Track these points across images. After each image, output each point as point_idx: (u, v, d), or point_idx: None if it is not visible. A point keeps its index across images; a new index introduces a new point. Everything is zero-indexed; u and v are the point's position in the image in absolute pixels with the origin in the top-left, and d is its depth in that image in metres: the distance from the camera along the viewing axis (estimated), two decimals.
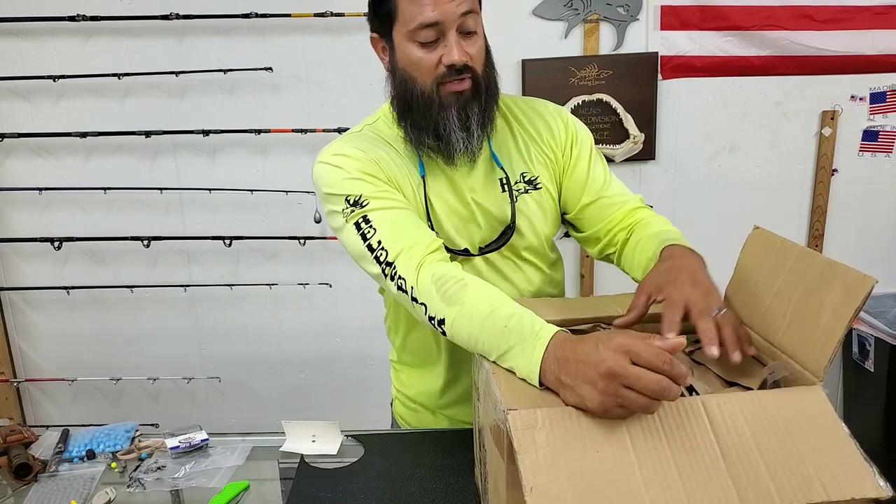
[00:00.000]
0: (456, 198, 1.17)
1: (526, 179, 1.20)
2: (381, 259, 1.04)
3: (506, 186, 1.18)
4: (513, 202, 1.18)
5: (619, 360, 0.74)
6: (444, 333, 0.97)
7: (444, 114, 1.09)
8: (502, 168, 1.18)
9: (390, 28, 1.09)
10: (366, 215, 1.06)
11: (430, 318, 0.98)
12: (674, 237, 1.12)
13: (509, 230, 1.18)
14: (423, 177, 1.14)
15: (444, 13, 1.03)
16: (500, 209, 1.18)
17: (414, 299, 1.00)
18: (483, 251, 1.18)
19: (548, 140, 1.23)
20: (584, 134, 1.26)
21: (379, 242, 1.04)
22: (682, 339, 0.76)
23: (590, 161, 1.25)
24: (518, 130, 1.23)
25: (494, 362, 0.88)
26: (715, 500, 0.63)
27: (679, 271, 0.97)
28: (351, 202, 1.07)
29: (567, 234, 1.36)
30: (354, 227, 1.06)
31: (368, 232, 1.05)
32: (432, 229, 1.12)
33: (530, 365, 0.83)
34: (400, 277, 1.01)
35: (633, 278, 1.19)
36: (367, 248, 1.05)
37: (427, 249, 1.02)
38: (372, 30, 1.16)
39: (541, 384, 0.82)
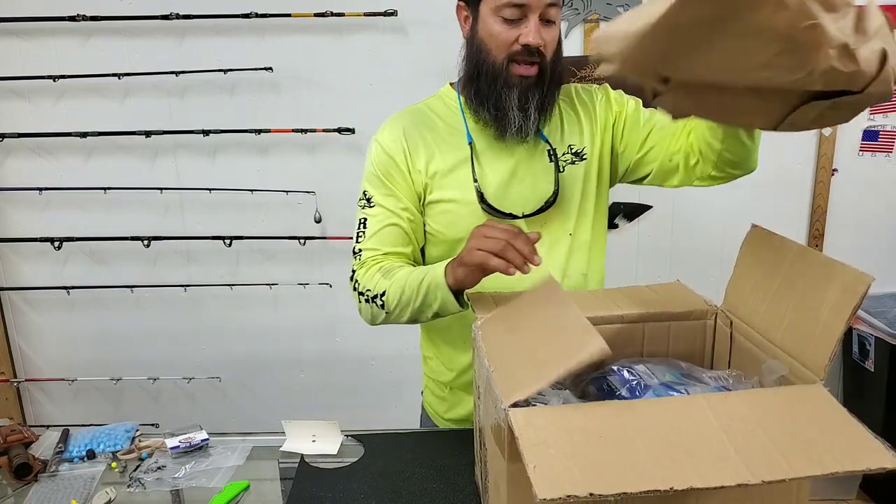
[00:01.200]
0: (503, 165, 1.24)
1: (573, 151, 1.28)
2: (354, 263, 1.28)
3: (552, 157, 1.26)
4: (557, 172, 1.25)
5: (486, 221, 1.08)
6: (382, 306, 1.19)
7: (506, 91, 1.18)
8: (548, 142, 1.26)
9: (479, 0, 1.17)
10: (366, 218, 1.26)
11: (373, 298, 1.20)
12: None
13: (553, 196, 1.24)
14: (470, 143, 1.23)
15: None
16: (545, 178, 1.25)
17: (361, 293, 1.23)
18: (527, 216, 1.24)
19: (594, 108, 1.32)
20: (621, 93, 1.36)
21: (360, 250, 1.26)
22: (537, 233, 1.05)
23: (636, 103, 1.34)
24: (566, 106, 1.31)
25: (417, 302, 1.14)
26: (725, 474, 0.62)
27: None
28: (366, 197, 1.28)
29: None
30: (359, 221, 1.27)
31: (360, 235, 1.27)
32: (479, 192, 1.21)
33: (437, 272, 1.11)
34: (356, 281, 1.25)
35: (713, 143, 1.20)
36: (353, 248, 1.28)
37: (381, 258, 1.24)
38: None
39: (449, 287, 1.10)
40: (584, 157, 1.28)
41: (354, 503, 1.09)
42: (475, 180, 1.22)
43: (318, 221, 2.39)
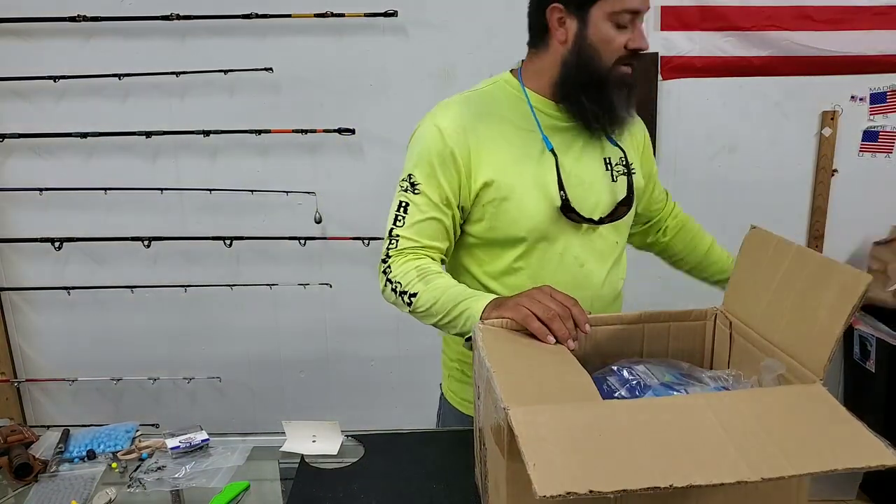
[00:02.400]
0: (577, 169, 1.25)
1: (624, 163, 1.31)
2: (387, 246, 1.23)
3: (609, 166, 1.28)
4: (625, 178, 1.29)
5: (544, 287, 1.04)
6: (409, 304, 1.17)
7: (617, 92, 1.22)
8: (617, 145, 1.30)
9: (590, 4, 1.16)
10: (408, 204, 1.21)
11: (403, 293, 1.18)
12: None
13: (627, 202, 1.28)
14: (551, 150, 1.23)
15: (645, 3, 1.17)
16: (606, 185, 1.28)
17: (390, 281, 1.20)
18: (602, 221, 1.27)
19: (638, 134, 1.39)
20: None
21: (398, 236, 1.22)
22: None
23: (651, 156, 1.46)
24: None
25: (445, 318, 1.12)
26: (725, 471, 0.62)
27: None
28: (410, 181, 1.22)
29: None
30: (400, 203, 1.22)
31: (399, 219, 1.22)
32: (563, 196, 1.21)
33: (476, 307, 1.07)
34: (388, 267, 1.21)
35: (692, 271, 1.50)
36: (389, 230, 1.23)
37: (419, 251, 1.22)
38: (562, 2, 1.20)
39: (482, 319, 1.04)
40: (634, 171, 1.32)
41: (355, 503, 1.09)
42: (562, 187, 1.21)
43: (319, 222, 2.40)
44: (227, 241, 2.38)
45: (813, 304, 0.80)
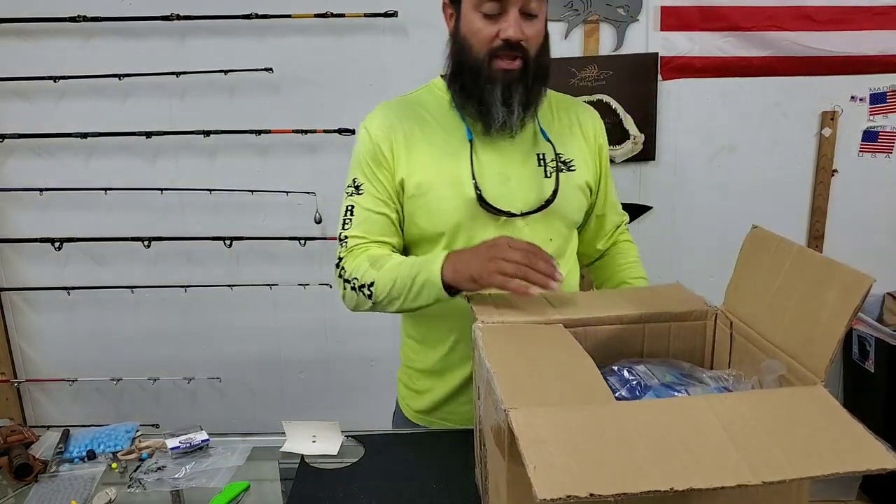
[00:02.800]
0: (500, 163, 1.24)
1: (561, 160, 1.28)
2: (340, 250, 1.27)
3: (542, 162, 1.26)
4: (555, 175, 1.26)
5: (499, 239, 1.07)
6: (370, 296, 1.19)
7: (489, 86, 1.17)
8: (549, 141, 1.28)
9: None
10: (353, 206, 1.26)
11: (360, 287, 1.20)
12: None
13: (552, 196, 1.25)
14: (470, 140, 1.23)
15: None
16: (533, 181, 1.26)
17: (347, 281, 1.23)
18: (525, 214, 1.25)
19: (591, 135, 1.35)
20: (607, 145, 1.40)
21: (346, 237, 1.26)
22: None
23: (608, 174, 1.40)
24: (562, 117, 1.33)
25: (409, 296, 1.14)
26: (726, 475, 0.62)
27: None
28: (354, 185, 1.27)
29: None
30: (346, 208, 1.27)
31: (347, 222, 1.27)
32: (477, 188, 1.21)
33: (433, 272, 1.10)
34: (342, 269, 1.25)
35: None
36: (339, 234, 1.28)
37: (370, 245, 1.25)
38: None
39: (444, 285, 1.09)
40: (573, 168, 1.29)
41: (354, 503, 1.09)
42: (474, 178, 1.21)
43: (319, 222, 2.40)
44: (227, 241, 2.38)
45: (814, 305, 0.79)
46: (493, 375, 0.84)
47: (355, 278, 1.22)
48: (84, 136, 2.29)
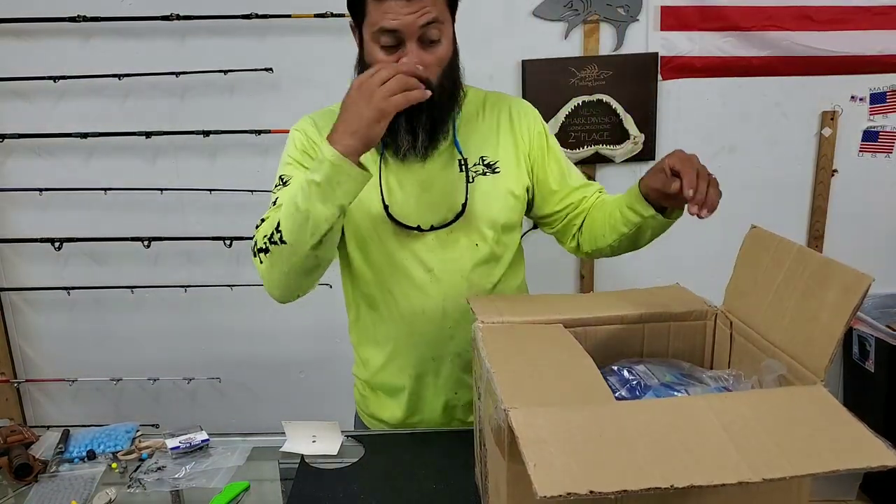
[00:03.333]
0: (411, 178, 1.23)
1: (485, 163, 1.26)
2: (255, 235, 1.18)
3: (463, 167, 1.23)
4: (467, 182, 1.23)
5: (358, 77, 1.03)
6: (281, 239, 1.09)
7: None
8: (461, 152, 1.24)
9: (361, 23, 1.13)
10: (278, 198, 1.20)
11: (271, 241, 1.10)
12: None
13: (462, 208, 1.22)
14: (381, 154, 1.22)
15: (403, 24, 1.06)
16: (454, 188, 1.23)
17: (260, 251, 1.14)
18: (434, 228, 1.23)
19: (520, 128, 1.29)
20: (549, 131, 1.35)
21: (262, 220, 1.18)
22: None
23: (552, 158, 1.32)
24: (489, 118, 1.29)
25: (317, 206, 1.05)
26: (726, 472, 0.62)
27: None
28: (283, 181, 1.23)
29: (535, 227, 1.42)
30: (271, 202, 1.21)
31: (270, 211, 1.19)
32: (384, 203, 1.20)
33: (327, 156, 1.02)
34: (254, 243, 1.16)
35: (595, 248, 1.32)
36: (257, 222, 1.19)
37: None
38: (351, 15, 1.19)
39: (343, 155, 1.02)
40: (497, 170, 1.26)
41: (354, 503, 1.09)
42: (381, 193, 1.21)
43: None
44: (227, 241, 2.38)
45: (814, 304, 0.79)
46: (493, 375, 0.84)
47: (264, 237, 1.12)
48: (84, 136, 2.29)
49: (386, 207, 1.21)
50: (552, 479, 0.61)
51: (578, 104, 2.36)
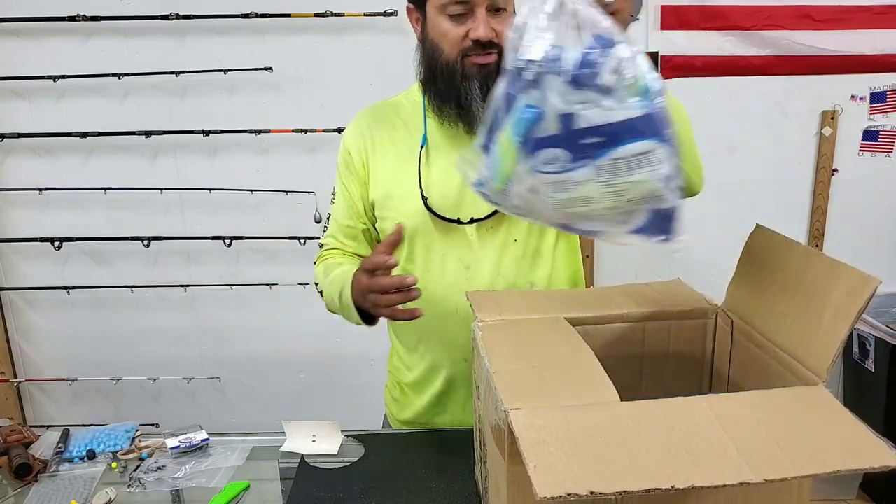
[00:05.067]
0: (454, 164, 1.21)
1: None
2: (318, 254, 1.36)
3: None
4: None
5: (359, 276, 1.12)
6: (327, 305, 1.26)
7: (466, 84, 1.14)
8: None
9: (424, 2, 1.16)
10: (330, 214, 1.34)
11: (321, 293, 1.27)
12: None
13: None
14: (422, 146, 1.23)
15: None
16: None
17: (316, 284, 1.30)
18: (474, 220, 1.22)
19: None
20: None
21: (321, 245, 1.36)
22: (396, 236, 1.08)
23: None
24: None
25: (344, 312, 1.23)
26: (727, 473, 0.62)
27: None
28: (333, 192, 1.34)
29: None
30: (327, 215, 1.35)
31: (326, 230, 1.36)
32: (423, 195, 1.21)
33: (347, 296, 1.17)
34: (315, 272, 1.32)
35: None
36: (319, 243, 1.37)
37: (333, 253, 1.32)
38: (409, 1, 1.23)
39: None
40: None
41: (354, 503, 1.09)
42: (420, 184, 1.21)
43: (319, 221, 2.39)
44: (227, 241, 2.38)
45: (818, 305, 0.79)
46: (493, 375, 0.84)
47: (316, 283, 1.29)
48: (84, 135, 2.28)
49: (424, 200, 1.21)
50: (552, 479, 0.61)
51: None
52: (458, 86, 1.15)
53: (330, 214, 1.33)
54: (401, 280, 1.05)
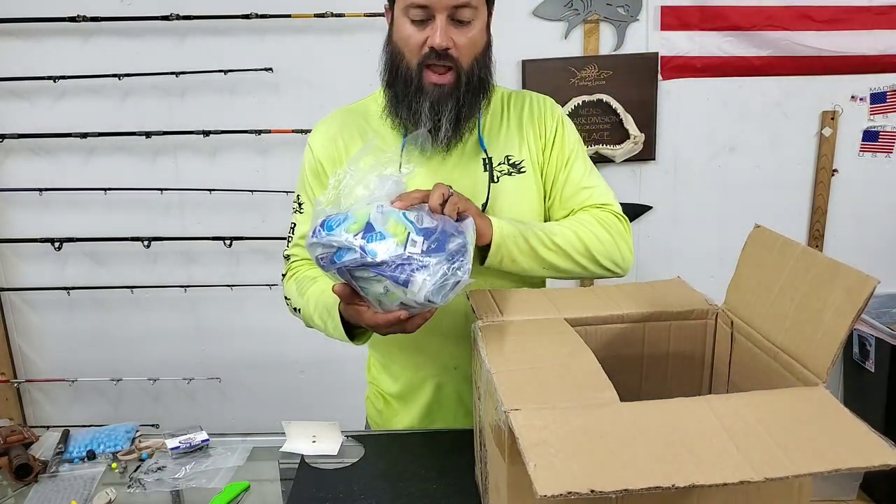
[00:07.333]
0: (435, 174, 1.18)
1: (510, 162, 1.22)
2: (282, 271, 1.32)
3: (487, 166, 1.21)
4: (490, 182, 1.20)
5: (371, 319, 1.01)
6: (302, 320, 1.22)
7: (418, 97, 1.12)
8: (485, 150, 1.21)
9: (394, 1, 1.13)
10: (295, 223, 1.29)
11: (295, 310, 1.23)
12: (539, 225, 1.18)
13: (482, 208, 1.19)
14: (402, 150, 1.18)
15: None
16: (475, 188, 1.20)
17: (286, 298, 1.26)
18: None
19: (544, 124, 1.24)
20: (570, 128, 1.28)
21: (287, 256, 1.31)
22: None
23: (575, 157, 1.25)
24: (512, 116, 1.25)
25: (328, 331, 1.18)
26: (728, 471, 0.62)
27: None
28: (297, 202, 1.29)
29: None
30: (290, 225, 1.30)
31: (289, 240, 1.31)
32: None
33: (336, 319, 1.12)
34: (285, 288, 1.28)
35: None
36: (283, 253, 1.33)
37: (303, 265, 1.27)
38: None
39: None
40: (523, 170, 1.22)
41: (354, 503, 1.09)
42: None
43: None
44: (227, 241, 2.38)
45: (817, 305, 0.79)
46: (493, 376, 0.83)
47: (288, 299, 1.25)
48: (83, 135, 2.29)
49: None
50: (553, 478, 0.61)
51: (579, 104, 2.37)
52: (411, 96, 1.13)
53: (294, 224, 1.28)
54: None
